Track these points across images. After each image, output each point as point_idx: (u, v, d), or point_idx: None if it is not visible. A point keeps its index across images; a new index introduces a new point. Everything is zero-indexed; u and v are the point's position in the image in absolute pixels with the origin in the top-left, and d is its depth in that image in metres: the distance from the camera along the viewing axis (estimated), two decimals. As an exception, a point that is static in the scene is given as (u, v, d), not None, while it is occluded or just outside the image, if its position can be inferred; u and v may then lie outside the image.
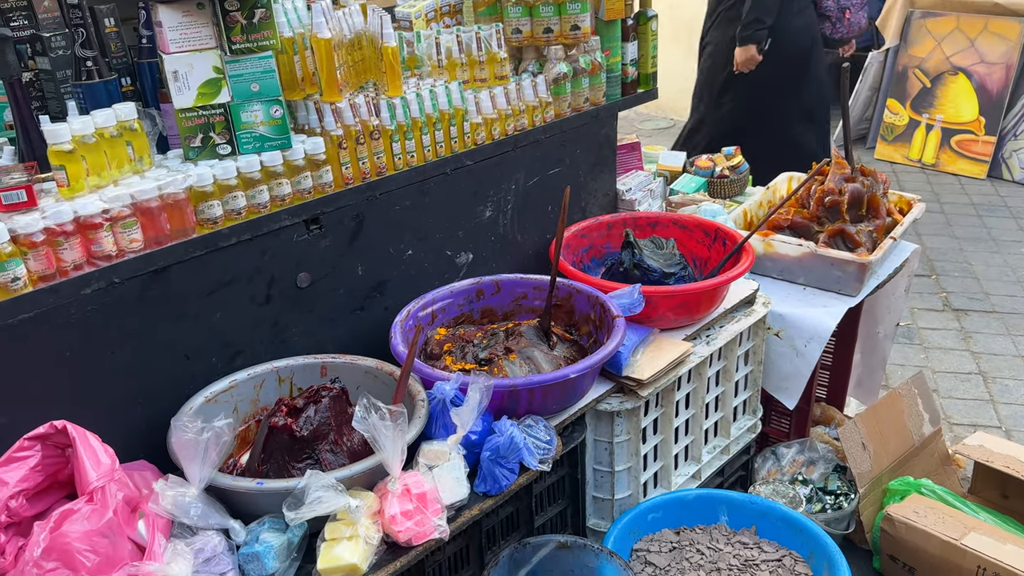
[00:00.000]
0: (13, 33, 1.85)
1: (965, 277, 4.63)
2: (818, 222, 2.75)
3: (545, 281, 2.22)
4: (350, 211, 2.02)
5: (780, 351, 2.63)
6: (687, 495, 2.23)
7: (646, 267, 2.29)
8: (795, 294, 2.67)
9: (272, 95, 1.82)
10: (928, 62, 6.19)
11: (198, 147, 1.81)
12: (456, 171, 2.21)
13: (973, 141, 6.03)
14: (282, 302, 1.96)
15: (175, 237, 1.73)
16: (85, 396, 1.68)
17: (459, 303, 2.22)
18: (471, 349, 2.03)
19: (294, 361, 1.93)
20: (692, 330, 2.30)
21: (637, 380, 2.02)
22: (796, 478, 2.74)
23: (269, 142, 1.85)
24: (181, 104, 1.76)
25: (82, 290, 1.61)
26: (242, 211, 1.82)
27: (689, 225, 2.59)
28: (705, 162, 3.21)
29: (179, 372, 1.82)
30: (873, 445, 2.75)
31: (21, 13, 2.05)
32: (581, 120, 2.51)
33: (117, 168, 1.71)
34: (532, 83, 2.34)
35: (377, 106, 2.03)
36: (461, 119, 2.19)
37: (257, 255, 1.88)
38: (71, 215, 1.58)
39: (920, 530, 2.51)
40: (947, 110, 6.12)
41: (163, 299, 1.75)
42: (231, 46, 1.75)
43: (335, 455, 1.66)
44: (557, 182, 2.52)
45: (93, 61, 1.83)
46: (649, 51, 2.67)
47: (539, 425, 1.82)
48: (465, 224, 2.30)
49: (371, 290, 2.14)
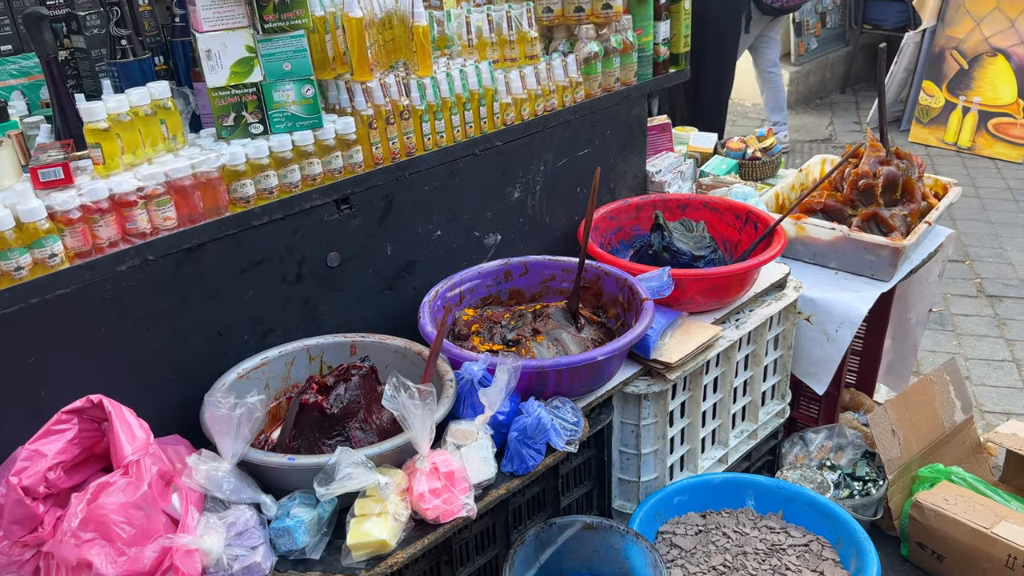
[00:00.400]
0: (49, 12, 1.87)
1: (1000, 263, 4.55)
2: (851, 206, 2.71)
3: (573, 263, 2.22)
4: (380, 191, 2.02)
5: (810, 336, 2.60)
6: (714, 478, 2.23)
7: (675, 250, 2.27)
8: (827, 278, 2.64)
9: (304, 74, 1.83)
10: (966, 43, 6.06)
11: (231, 126, 1.82)
12: (485, 152, 2.21)
13: (1011, 124, 5.90)
14: (312, 281, 1.97)
15: (208, 215, 1.75)
16: (120, 371, 1.70)
17: (487, 284, 2.22)
18: (499, 330, 2.04)
19: (324, 339, 1.95)
20: (721, 314, 2.28)
21: (665, 363, 2.02)
22: (824, 464, 2.72)
23: (300, 122, 1.85)
24: (214, 83, 1.77)
25: (117, 267, 1.63)
26: (274, 190, 1.83)
27: (720, 207, 2.56)
28: (737, 144, 3.17)
29: (212, 349, 1.84)
30: (903, 432, 2.73)
31: (57, -9, 2.06)
32: (611, 100, 2.49)
33: (151, 146, 1.72)
34: (562, 63, 2.33)
35: (407, 86, 2.03)
36: (491, 99, 2.18)
37: (288, 234, 1.89)
38: (106, 192, 1.60)
39: (950, 518, 2.49)
40: (985, 92, 5.99)
41: (196, 277, 1.77)
42: (263, 25, 1.75)
43: (364, 433, 1.68)
44: (586, 163, 2.51)
45: (127, 40, 1.85)
46: (682, 30, 2.64)
47: (566, 407, 1.83)
48: (494, 205, 2.30)
49: (400, 270, 2.14)
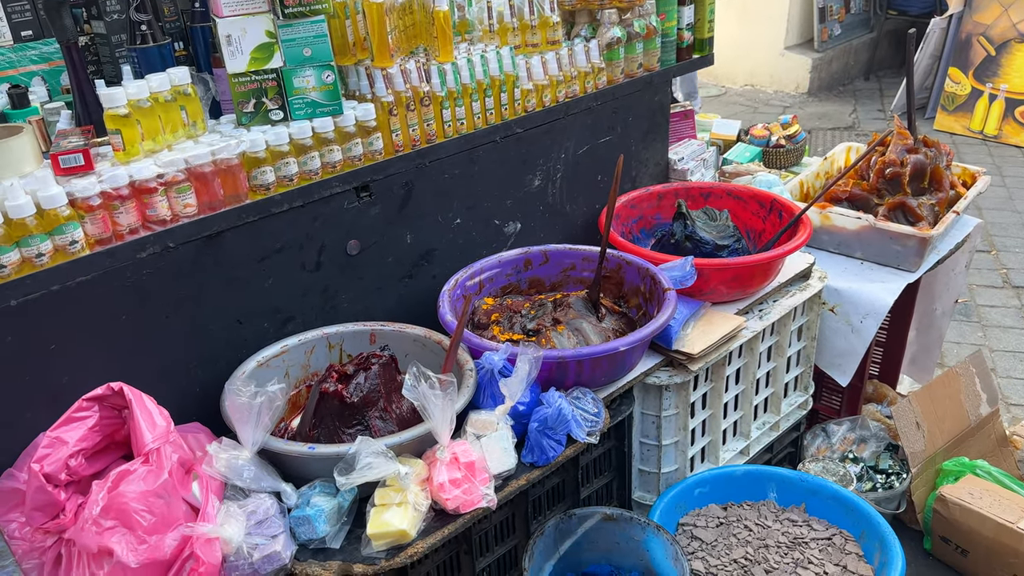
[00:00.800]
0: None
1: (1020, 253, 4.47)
2: (878, 195, 2.67)
3: (594, 252, 2.19)
4: (400, 179, 2.01)
5: (834, 327, 2.57)
6: (735, 471, 2.21)
7: (698, 239, 2.24)
8: (852, 268, 2.60)
9: (324, 60, 1.81)
10: (993, 29, 5.94)
11: (251, 112, 1.81)
12: (506, 139, 2.18)
13: (1039, 112, 5.79)
14: (332, 269, 1.96)
15: (228, 203, 1.74)
16: (140, 358, 1.70)
17: (507, 273, 2.20)
18: (519, 319, 2.02)
19: (344, 328, 1.94)
20: (745, 304, 2.25)
21: (687, 354, 1.99)
22: (847, 456, 2.69)
23: (321, 108, 1.84)
24: (234, 68, 1.76)
25: (138, 254, 1.63)
26: (294, 177, 1.81)
27: (744, 196, 2.53)
28: (761, 131, 3.13)
29: (232, 336, 1.83)
30: (927, 424, 2.69)
31: (78, -23, 2.05)
32: (634, 87, 2.46)
33: (171, 133, 1.71)
34: (585, 48, 2.29)
35: (428, 72, 2.00)
36: (512, 86, 2.15)
37: (308, 222, 1.88)
38: (127, 179, 1.60)
39: (975, 512, 2.45)
40: (1012, 79, 5.88)
41: (216, 264, 1.76)
42: (284, 10, 1.73)
43: (384, 422, 1.67)
44: (608, 151, 2.48)
45: (147, 25, 1.84)
46: (706, 15, 2.59)
47: (587, 397, 1.81)
48: (514, 193, 2.28)
49: (419, 258, 2.13)
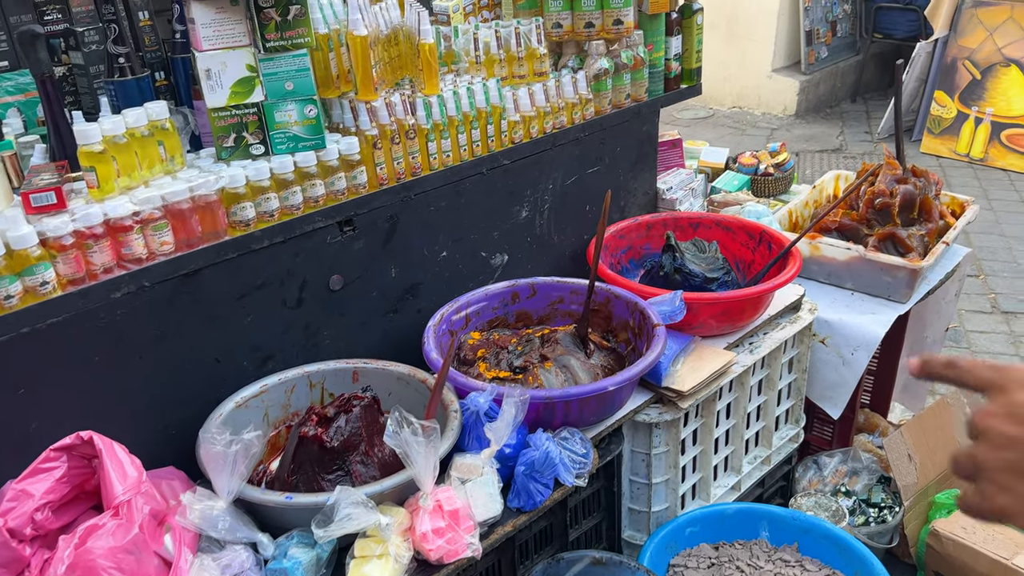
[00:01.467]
0: (45, 28, 1.82)
1: (1015, 278, 4.47)
2: (867, 225, 2.65)
3: (582, 285, 2.16)
4: (384, 212, 1.97)
5: (825, 359, 2.54)
6: (727, 509, 2.16)
7: (687, 271, 2.21)
8: (842, 299, 2.58)
9: (307, 94, 1.77)
10: (979, 53, 5.99)
11: (231, 147, 1.77)
12: (492, 171, 2.15)
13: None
14: (314, 305, 1.92)
15: (206, 240, 1.69)
16: (113, 400, 1.65)
17: (493, 306, 2.16)
18: (505, 356, 1.98)
19: (325, 366, 1.89)
20: (735, 338, 2.22)
21: (677, 391, 1.95)
22: (839, 489, 2.65)
23: (303, 142, 1.80)
24: (214, 103, 1.72)
25: (112, 294, 1.58)
26: (275, 213, 1.77)
27: (732, 227, 2.50)
28: (749, 159, 3.11)
29: (209, 376, 1.78)
30: (919, 456, 2.65)
31: (55, 7, 2.01)
32: (622, 117, 2.43)
33: (148, 168, 1.67)
34: (572, 79, 2.27)
35: (413, 104, 1.97)
36: (499, 117, 2.12)
37: (289, 257, 1.84)
38: (101, 217, 1.55)
39: (968, 547, 2.42)
40: (998, 103, 5.91)
41: (193, 302, 1.71)
42: (265, 44, 1.70)
43: (366, 467, 1.62)
44: (596, 181, 2.45)
45: (126, 58, 1.80)
46: (694, 45, 2.58)
47: (575, 438, 1.77)
48: (501, 225, 2.24)
49: (404, 292, 2.09)
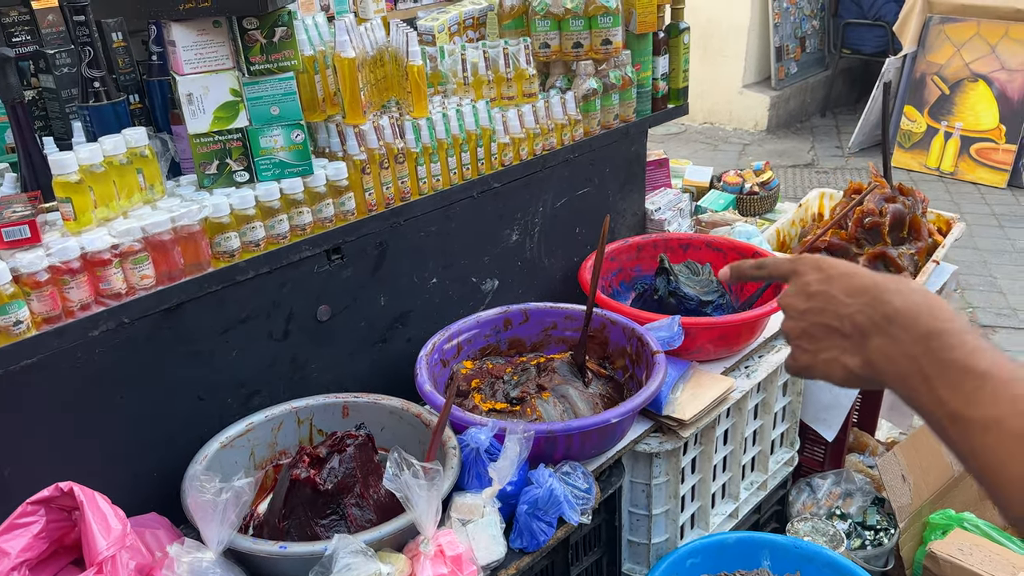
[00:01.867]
0: (15, 50, 1.73)
1: (991, 291, 4.51)
2: (857, 244, 2.63)
3: (576, 310, 2.11)
4: (373, 239, 1.90)
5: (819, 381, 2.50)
6: (727, 538, 2.11)
7: (682, 295, 2.17)
8: (833, 320, 2.55)
9: (293, 119, 1.70)
10: (947, 69, 6.08)
11: (214, 174, 1.69)
12: (483, 194, 2.09)
13: (993, 149, 5.91)
14: (301, 337, 1.84)
15: (189, 272, 1.61)
16: (92, 444, 1.56)
17: (485, 334, 2.10)
18: (501, 386, 1.91)
19: (314, 401, 1.81)
20: (732, 362, 2.18)
21: (679, 420, 1.90)
22: (834, 512, 2.62)
23: (289, 168, 1.72)
24: (196, 129, 1.64)
25: (90, 332, 1.49)
26: (260, 242, 1.69)
27: (724, 247, 2.46)
28: (734, 178, 3.09)
29: (193, 415, 1.70)
30: (913, 477, 2.63)
31: (24, 28, 1.93)
32: (611, 138, 2.39)
33: (127, 198, 1.59)
34: (561, 100, 2.22)
35: (401, 127, 1.91)
36: (488, 140, 2.07)
37: (276, 289, 1.76)
38: (78, 251, 1.46)
39: (966, 569, 2.39)
40: (966, 118, 6.00)
41: (176, 338, 1.63)
42: (250, 67, 1.63)
43: (362, 510, 1.54)
44: (586, 203, 2.40)
45: (101, 82, 1.71)
46: (681, 65, 2.55)
47: (577, 472, 1.70)
48: (491, 249, 2.18)
49: (393, 321, 2.01)
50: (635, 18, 2.35)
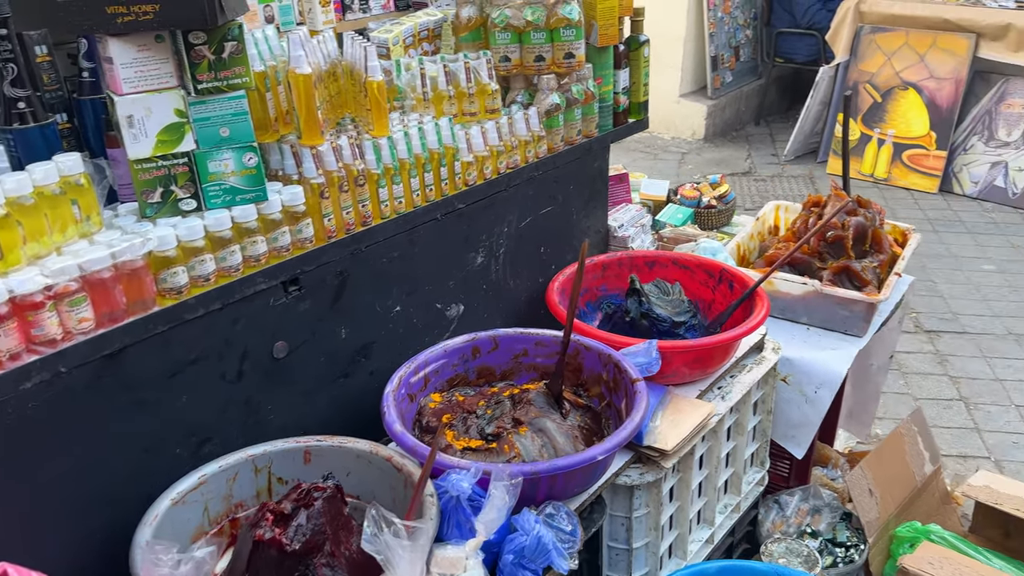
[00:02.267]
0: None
1: (932, 296, 4.59)
2: (820, 258, 2.60)
3: (547, 336, 2.01)
4: (333, 268, 1.77)
5: (788, 398, 2.47)
6: (708, 569, 2.03)
7: (655, 316, 2.09)
8: (799, 335, 2.52)
9: (245, 140, 1.56)
10: (878, 77, 6.21)
11: (157, 203, 1.53)
12: (447, 216, 1.98)
13: (924, 156, 6.06)
14: (256, 377, 1.69)
15: (132, 312, 1.45)
16: (26, 510, 1.38)
17: (453, 363, 1.98)
18: (474, 421, 1.80)
19: (272, 447, 1.67)
20: (705, 384, 2.11)
21: (660, 451, 1.82)
22: (804, 530, 2.58)
23: (241, 194, 1.58)
24: (137, 154, 1.49)
25: (21, 384, 1.32)
26: (211, 276, 1.55)
27: (691, 265, 2.40)
28: (691, 191, 3.04)
29: (138, 469, 1.53)
30: (879, 490, 2.62)
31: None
32: (575, 154, 2.31)
33: (60, 232, 1.42)
34: (524, 116, 2.13)
35: (361, 147, 1.78)
36: (452, 159, 1.96)
37: (228, 326, 1.61)
38: (5, 295, 1.30)
39: (938, 584, 2.38)
40: (898, 125, 6.14)
41: (118, 386, 1.47)
42: (197, 86, 1.48)
43: (333, 570, 1.41)
44: (550, 221, 2.31)
45: (26, 102, 1.54)
46: (641, 78, 2.48)
47: (561, 513, 1.60)
48: (456, 273, 2.07)
49: (355, 354, 1.88)
50: (596, 31, 2.27)
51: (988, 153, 5.85)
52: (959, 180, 5.98)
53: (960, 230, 5.44)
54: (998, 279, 4.76)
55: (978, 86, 5.86)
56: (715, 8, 7.17)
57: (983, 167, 5.87)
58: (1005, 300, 4.52)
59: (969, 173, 5.93)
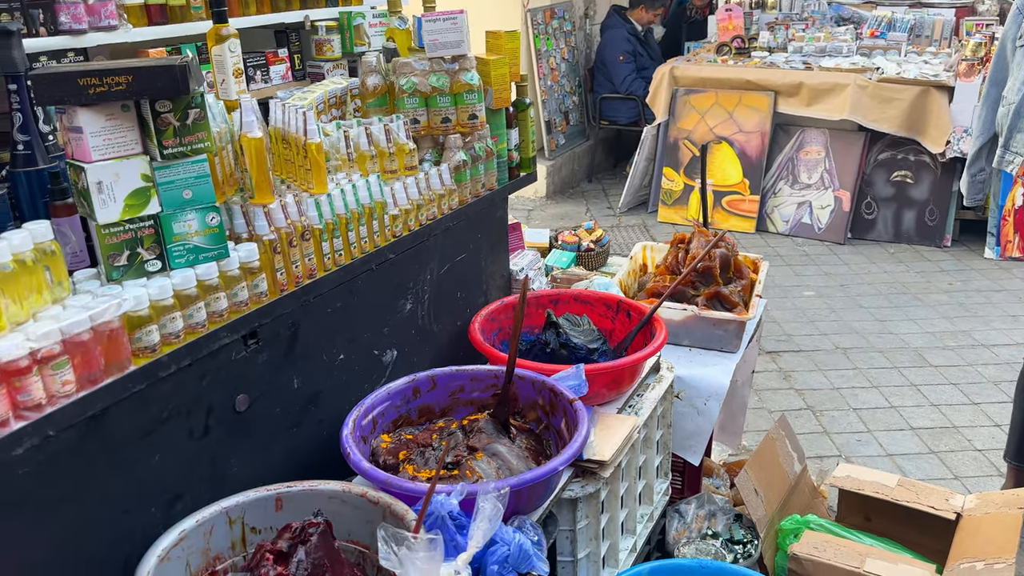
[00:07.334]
0: None
1: (768, 322, 5.13)
2: (692, 286, 2.93)
3: (481, 371, 2.16)
4: (286, 320, 1.84)
5: (681, 411, 2.74)
6: (640, 571, 2.23)
7: (573, 345, 2.30)
8: (683, 356, 2.81)
9: (207, 201, 1.63)
10: (695, 133, 6.91)
11: (124, 265, 1.57)
12: (380, 266, 2.11)
13: (740, 200, 6.78)
14: (220, 431, 1.73)
15: (110, 373, 1.48)
16: None
17: (396, 404, 2.08)
18: (431, 454, 1.91)
19: (244, 497, 1.70)
20: (620, 403, 2.33)
21: (599, 462, 2.01)
22: (705, 533, 2.84)
23: (204, 253, 1.64)
24: (106, 219, 1.52)
25: (13, 450, 1.32)
26: (180, 333, 1.59)
27: (591, 300, 2.65)
28: (570, 237, 3.32)
29: (118, 530, 1.53)
30: (763, 490, 2.93)
31: None
32: (481, 205, 2.51)
33: (37, 297, 1.43)
34: (437, 172, 2.31)
35: (303, 205, 1.89)
36: (382, 212, 2.10)
37: (195, 381, 1.65)
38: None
39: (825, 564, 2.69)
40: (716, 174, 6.83)
41: (101, 448, 1.47)
42: (163, 151, 1.55)
43: (337, 599, 1.48)
44: (464, 268, 2.48)
45: (-24, 173, 1.54)
46: (528, 136, 2.74)
47: (526, 525, 1.75)
48: (389, 320, 2.19)
49: (306, 403, 1.95)
50: (491, 94, 2.50)
51: (794, 195, 6.64)
52: (772, 220, 6.73)
53: (780, 263, 6.11)
54: (819, 303, 5.40)
55: (780, 137, 6.67)
56: (544, 77, 7.72)
57: (791, 207, 6.65)
58: (827, 320, 5.14)
59: (780, 213, 6.69)
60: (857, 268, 5.97)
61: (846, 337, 4.88)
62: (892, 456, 3.75)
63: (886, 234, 6.45)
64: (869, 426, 3.97)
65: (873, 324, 5.06)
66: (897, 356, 4.64)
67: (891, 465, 3.68)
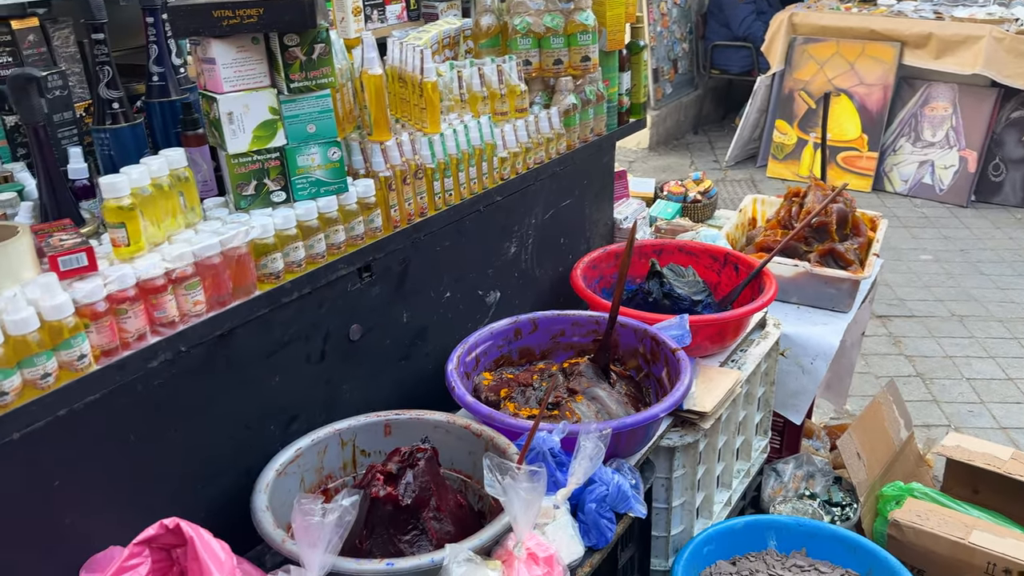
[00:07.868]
0: (42, 74, 1.59)
1: (879, 285, 4.93)
2: (805, 242, 2.84)
3: (582, 316, 2.17)
4: (398, 255, 1.89)
5: (786, 369, 2.69)
6: (736, 524, 2.23)
7: (676, 296, 2.28)
8: (791, 313, 2.74)
9: (330, 136, 1.68)
10: (812, 84, 6.61)
11: (251, 195, 1.64)
12: (488, 207, 2.13)
13: (857, 157, 6.48)
14: (335, 358, 1.81)
15: (237, 296, 1.56)
16: (148, 481, 1.47)
17: (498, 344, 2.12)
18: (532, 393, 1.95)
19: (356, 421, 1.78)
20: (723, 356, 2.30)
21: (700, 413, 2.00)
22: (803, 493, 2.80)
23: (325, 187, 1.70)
24: (236, 148, 1.59)
25: (149, 363, 1.41)
26: (302, 262, 1.66)
27: (696, 251, 2.60)
28: (677, 187, 3.26)
29: (240, 444, 1.63)
30: (865, 454, 2.86)
31: (5, 50, 1.81)
32: (588, 151, 2.49)
33: (172, 221, 1.52)
34: (547, 115, 2.30)
35: (418, 144, 1.92)
36: (491, 154, 2.11)
37: (314, 309, 1.72)
38: (133, 279, 1.39)
39: (928, 532, 2.62)
40: (833, 129, 6.54)
41: (227, 366, 1.57)
42: (290, 84, 1.60)
43: (440, 522, 1.54)
44: (568, 214, 2.48)
45: (119, 103, 1.63)
46: (641, 81, 2.68)
47: (625, 468, 1.76)
48: (494, 262, 2.22)
49: (414, 337, 2.01)
50: (605, 36, 2.46)
51: (916, 153, 6.30)
52: (890, 179, 6.42)
53: (896, 224, 5.84)
54: (935, 267, 5.15)
55: (904, 91, 6.31)
56: (654, 23, 7.50)
57: (912, 166, 6.31)
58: (944, 286, 4.90)
59: (899, 172, 6.37)
60: (980, 233, 5.65)
61: (963, 304, 4.65)
62: (1006, 429, 3.58)
63: (1014, 198, 6.06)
64: (983, 397, 3.79)
65: (994, 292, 4.79)
66: (1018, 326, 4.39)
67: (1004, 438, 3.52)
